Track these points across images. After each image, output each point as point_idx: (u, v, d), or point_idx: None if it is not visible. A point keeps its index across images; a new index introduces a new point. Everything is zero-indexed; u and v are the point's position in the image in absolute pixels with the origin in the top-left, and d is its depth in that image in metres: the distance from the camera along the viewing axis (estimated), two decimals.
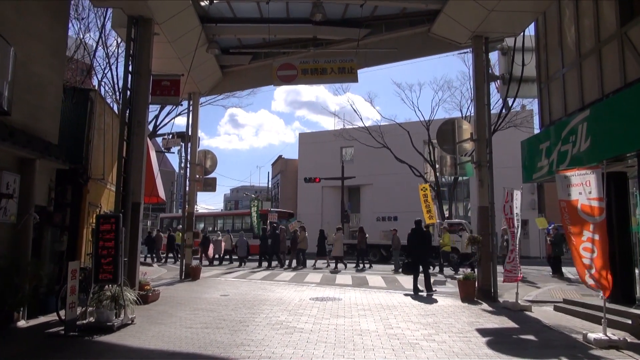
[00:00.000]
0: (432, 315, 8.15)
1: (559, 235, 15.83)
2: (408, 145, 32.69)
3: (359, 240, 20.26)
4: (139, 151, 9.71)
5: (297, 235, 20.02)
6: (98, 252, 7.15)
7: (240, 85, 15.62)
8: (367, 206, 40.80)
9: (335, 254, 19.21)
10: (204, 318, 7.76)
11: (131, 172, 9.60)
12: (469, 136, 11.08)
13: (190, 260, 14.39)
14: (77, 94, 9.72)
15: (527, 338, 6.65)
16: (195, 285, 12.50)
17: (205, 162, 15.67)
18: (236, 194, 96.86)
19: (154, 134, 23.80)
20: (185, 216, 14.54)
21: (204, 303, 9.40)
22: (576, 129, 8.37)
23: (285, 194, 46.34)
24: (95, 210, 10.41)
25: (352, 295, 10.56)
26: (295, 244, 20.03)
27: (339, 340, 6.21)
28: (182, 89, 10.30)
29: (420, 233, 11.47)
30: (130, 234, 9.39)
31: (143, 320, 7.51)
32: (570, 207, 6.80)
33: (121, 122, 9.63)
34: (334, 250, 19.40)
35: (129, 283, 8.98)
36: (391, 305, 9.18)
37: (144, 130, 9.82)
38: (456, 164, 11.15)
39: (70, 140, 9.41)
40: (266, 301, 9.61)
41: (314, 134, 46.31)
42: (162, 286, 12.24)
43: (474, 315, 8.24)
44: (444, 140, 11.34)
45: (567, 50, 9.52)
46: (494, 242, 10.33)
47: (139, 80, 9.83)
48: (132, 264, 9.33)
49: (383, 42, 12.34)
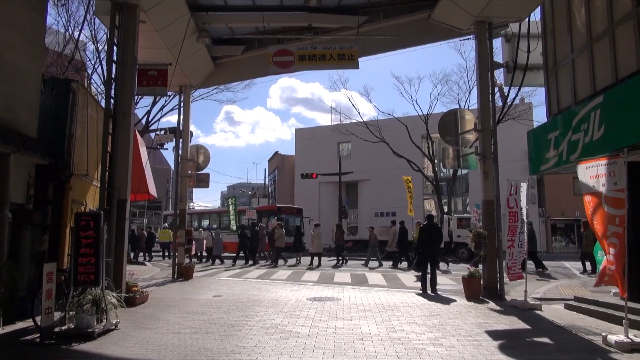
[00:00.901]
0: (437, 316, 7.66)
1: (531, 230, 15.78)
2: (406, 139, 32.22)
3: (337, 237, 20.09)
4: (124, 145, 9.17)
5: (274, 233, 19.91)
6: (77, 252, 6.62)
7: (234, 77, 15.06)
8: (365, 202, 40.32)
9: (313, 251, 19.13)
10: (194, 322, 7.25)
11: (116, 167, 9.07)
12: (472, 127, 10.58)
13: (182, 259, 13.87)
14: (58, 85, 9.15)
15: (541, 341, 6.17)
16: (188, 286, 11.99)
17: (198, 158, 15.13)
18: (233, 191, 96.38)
19: (147, 130, 23.26)
20: (177, 213, 14.00)
21: (195, 305, 8.89)
22: (588, 116, 7.86)
23: (282, 190, 45.82)
24: (80, 208, 9.86)
25: (351, 294, 10.06)
26: (272, 242, 19.83)
27: (338, 346, 5.72)
28: (170, 79, 9.76)
29: (434, 229, 11.01)
30: (116, 233, 8.87)
31: (128, 325, 7.00)
32: (595, 200, 6.30)
33: (105, 114, 9.08)
34: (312, 247, 19.30)
35: (115, 285, 8.49)
36: (393, 305, 8.69)
37: (129, 123, 9.27)
38: (459, 156, 10.64)
39: (51, 134, 8.86)
40: (261, 302, 9.10)
41: (311, 130, 45.77)
42: (152, 287, 11.73)
43: (482, 315, 7.75)
44: (446, 132, 10.83)
45: (576, 34, 9.01)
46: (499, 238, 9.84)
47: (124, 70, 9.28)
48: (118, 264, 8.81)
49: (382, 29, 11.80)
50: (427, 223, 11.26)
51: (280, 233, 19.73)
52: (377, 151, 36.51)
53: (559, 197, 33.29)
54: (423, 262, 10.74)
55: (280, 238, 19.63)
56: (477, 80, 10.47)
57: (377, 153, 37.12)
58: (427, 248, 10.76)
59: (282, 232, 19.92)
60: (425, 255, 10.77)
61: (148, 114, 22.81)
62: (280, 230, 19.89)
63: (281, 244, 19.68)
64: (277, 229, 20.06)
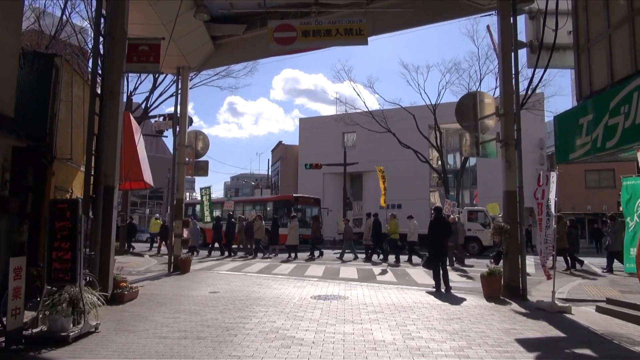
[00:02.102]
0: (457, 319, 6.85)
1: None
2: (412, 130, 31.32)
3: (314, 229, 19.55)
4: (112, 127, 8.35)
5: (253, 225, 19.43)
6: (51, 246, 5.83)
7: (235, 58, 14.13)
8: (370, 193, 39.48)
9: (289, 243, 18.64)
10: (185, 324, 6.46)
11: (103, 151, 8.25)
12: (492, 111, 9.70)
13: (179, 252, 13.09)
14: (39, 59, 8.32)
15: (583, 353, 5.34)
16: (184, 280, 11.22)
17: (197, 144, 14.30)
18: (236, 182, 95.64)
19: (145, 116, 22.46)
20: (173, 203, 13.20)
21: (189, 302, 8.11)
22: (630, 97, 6.96)
23: (285, 181, 45.02)
24: (65, 196, 9.08)
25: (359, 292, 9.26)
26: (250, 234, 19.26)
27: (348, 357, 4.91)
28: (164, 57, 8.89)
29: (443, 223, 10.20)
30: (103, 223, 8.08)
31: (110, 327, 6.22)
32: None
33: (91, 92, 8.24)
34: (288, 239, 18.79)
35: (101, 280, 7.73)
36: (406, 305, 7.88)
37: (118, 103, 8.44)
38: (478, 144, 9.76)
39: (31, 114, 8.06)
40: (261, 300, 8.31)
41: (315, 119, 44.88)
42: (146, 281, 10.98)
43: (507, 319, 6.93)
44: (464, 117, 9.96)
45: (614, 5, 8.08)
46: (522, 232, 9.00)
47: (112, 44, 8.44)
48: (104, 257, 8.02)
49: (394, 6, 10.88)
50: (435, 216, 10.45)
51: (259, 225, 19.27)
52: (382, 142, 35.60)
53: (570, 191, 32.30)
54: (433, 258, 9.93)
55: (259, 230, 19.22)
56: (500, 60, 9.58)
57: (382, 144, 36.21)
58: (436, 243, 9.96)
59: (262, 224, 19.46)
60: (434, 250, 9.97)
61: (147, 100, 21.98)
62: (259, 222, 19.43)
63: (260, 236, 19.26)
64: (256, 220, 19.62)
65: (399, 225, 17.48)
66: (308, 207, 27.34)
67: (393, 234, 17.15)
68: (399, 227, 17.44)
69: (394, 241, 17.20)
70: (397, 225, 17.28)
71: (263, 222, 19.78)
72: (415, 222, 17.39)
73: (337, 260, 17.35)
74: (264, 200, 30.42)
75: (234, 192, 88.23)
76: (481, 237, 20.81)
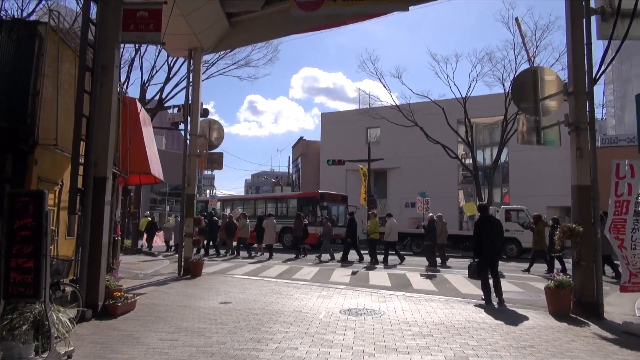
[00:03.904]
0: (530, 347, 5.32)
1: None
2: (439, 125, 29.64)
3: (295, 228, 18.43)
4: (104, 107, 7.06)
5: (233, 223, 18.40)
6: (9, 251, 4.52)
7: (252, 37, 12.68)
8: (395, 191, 37.89)
9: (265, 242, 17.71)
10: (183, 349, 5.10)
11: (94, 136, 6.97)
12: (557, 89, 8.09)
13: (190, 253, 11.78)
14: (20, 28, 7.06)
15: None
16: (193, 286, 9.89)
17: (211, 134, 12.98)
18: (257, 180, 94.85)
19: (161, 108, 21.33)
20: (184, 199, 11.90)
21: (194, 317, 6.75)
22: None
23: (306, 178, 43.60)
24: (54, 189, 7.84)
25: (396, 305, 7.77)
26: (232, 233, 18.25)
27: None
28: (166, 23, 7.52)
29: (492, 222, 8.66)
30: (93, 221, 6.79)
31: (88, 354, 4.90)
32: None
33: (80, 65, 6.95)
34: (265, 238, 17.89)
35: (90, 289, 6.51)
36: (459, 325, 6.37)
37: (112, 79, 7.13)
38: (539, 129, 8.17)
39: (9, 91, 6.82)
40: (280, 315, 6.91)
41: (337, 114, 43.33)
42: (150, 286, 9.71)
43: (596, 349, 5.35)
44: (522, 97, 8.36)
45: None
46: (597, 235, 7.39)
47: (105, 10, 7.16)
48: (93, 262, 6.73)
49: None
50: (483, 216, 8.90)
51: (243, 223, 18.34)
52: (407, 138, 33.92)
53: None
54: (483, 265, 8.39)
55: (244, 228, 18.23)
56: (568, 30, 7.97)
57: (407, 139, 34.54)
58: (485, 246, 8.42)
59: (246, 222, 18.53)
60: (483, 256, 8.43)
61: (161, 91, 20.84)
62: (243, 220, 18.50)
63: (245, 235, 18.30)
64: (240, 218, 18.74)
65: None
66: (334, 205, 25.68)
67: (372, 234, 16.03)
68: (378, 226, 16.41)
69: (374, 241, 16.10)
70: (377, 224, 16.25)
71: (247, 221, 18.81)
72: (394, 220, 16.28)
73: (361, 262, 15.86)
74: (287, 198, 28.88)
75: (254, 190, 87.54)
76: (520, 238, 19.05)
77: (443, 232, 15.89)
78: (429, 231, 14.86)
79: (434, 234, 14.84)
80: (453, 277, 11.76)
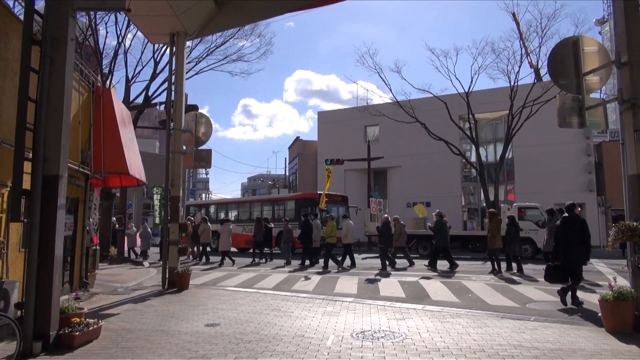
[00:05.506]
0: None
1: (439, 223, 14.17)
2: (440, 122, 28.45)
3: (255, 232, 17.44)
4: (56, 89, 5.71)
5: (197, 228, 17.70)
6: None
7: (240, 19, 11.31)
8: (396, 191, 36.65)
9: (222, 248, 16.88)
10: None
11: (44, 125, 5.63)
12: (604, 62, 6.81)
13: (175, 264, 10.40)
14: None
15: None
16: (176, 302, 8.53)
17: (197, 129, 11.64)
18: (253, 183, 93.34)
19: (147, 105, 19.95)
20: (167, 201, 10.52)
21: (170, 348, 5.39)
22: None
23: (303, 179, 42.26)
24: (0, 191, 6.48)
25: (418, 324, 6.44)
26: (197, 237, 17.47)
27: None
28: None
29: (579, 224, 7.70)
30: (42, 230, 5.44)
31: None
32: None
33: (24, 37, 5.60)
34: (220, 244, 17.02)
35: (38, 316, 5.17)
36: (504, 353, 5.03)
37: (65, 55, 5.77)
38: (582, 109, 6.87)
39: None
40: (277, 342, 5.57)
41: (335, 112, 42.02)
42: (128, 304, 8.36)
43: None
44: (561, 72, 7.08)
45: None
46: None
47: None
48: (43, 281, 5.37)
49: None
50: (568, 215, 7.89)
51: (204, 227, 17.56)
52: (408, 135, 32.71)
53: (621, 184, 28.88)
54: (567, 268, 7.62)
55: (204, 233, 17.49)
56: None
57: (408, 137, 33.33)
58: (571, 250, 7.52)
59: (208, 227, 17.79)
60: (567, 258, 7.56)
61: (147, 88, 19.44)
62: (205, 225, 17.71)
63: (206, 240, 17.69)
64: (202, 223, 17.95)
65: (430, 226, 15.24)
66: (334, 206, 24.29)
67: (329, 238, 15.11)
68: (336, 229, 15.47)
69: (330, 245, 15.13)
70: (334, 227, 15.25)
71: (209, 225, 18.01)
72: (350, 222, 15.52)
73: (370, 270, 14.54)
74: (284, 199, 27.44)
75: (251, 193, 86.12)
76: (535, 238, 17.78)
77: (401, 234, 15.35)
78: (383, 233, 14.40)
79: (388, 236, 14.40)
80: (474, 285, 10.43)
